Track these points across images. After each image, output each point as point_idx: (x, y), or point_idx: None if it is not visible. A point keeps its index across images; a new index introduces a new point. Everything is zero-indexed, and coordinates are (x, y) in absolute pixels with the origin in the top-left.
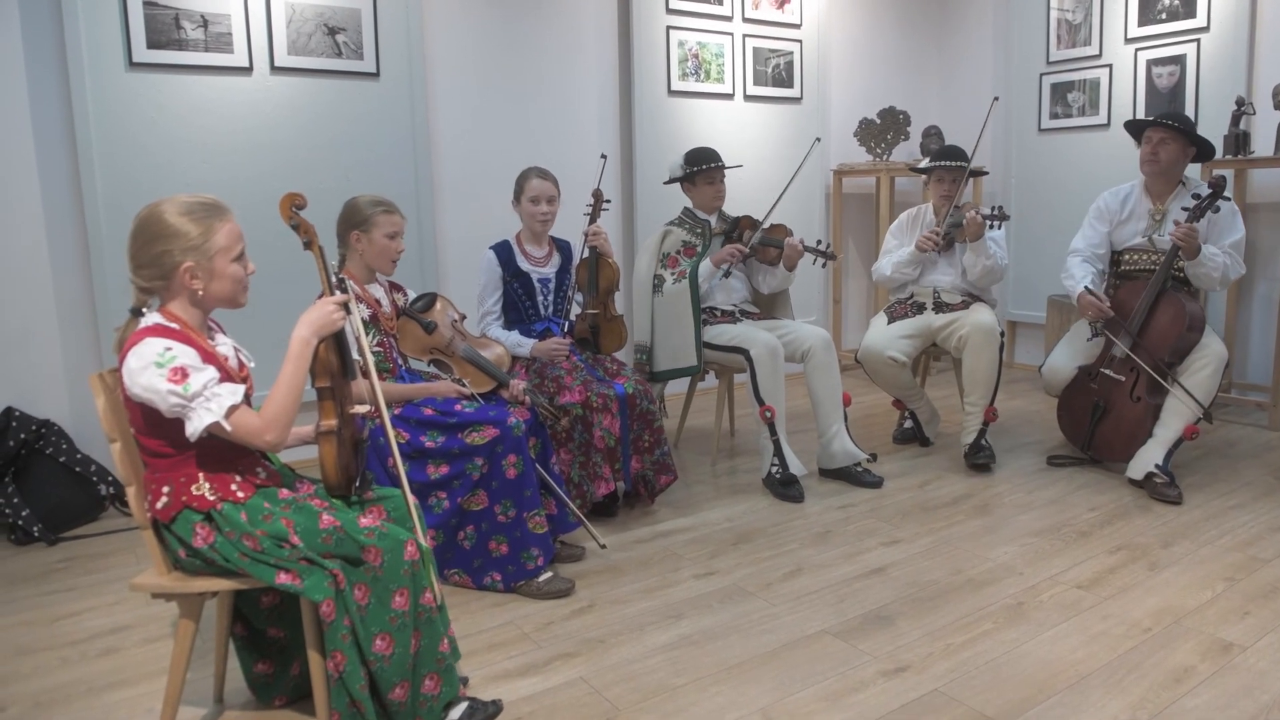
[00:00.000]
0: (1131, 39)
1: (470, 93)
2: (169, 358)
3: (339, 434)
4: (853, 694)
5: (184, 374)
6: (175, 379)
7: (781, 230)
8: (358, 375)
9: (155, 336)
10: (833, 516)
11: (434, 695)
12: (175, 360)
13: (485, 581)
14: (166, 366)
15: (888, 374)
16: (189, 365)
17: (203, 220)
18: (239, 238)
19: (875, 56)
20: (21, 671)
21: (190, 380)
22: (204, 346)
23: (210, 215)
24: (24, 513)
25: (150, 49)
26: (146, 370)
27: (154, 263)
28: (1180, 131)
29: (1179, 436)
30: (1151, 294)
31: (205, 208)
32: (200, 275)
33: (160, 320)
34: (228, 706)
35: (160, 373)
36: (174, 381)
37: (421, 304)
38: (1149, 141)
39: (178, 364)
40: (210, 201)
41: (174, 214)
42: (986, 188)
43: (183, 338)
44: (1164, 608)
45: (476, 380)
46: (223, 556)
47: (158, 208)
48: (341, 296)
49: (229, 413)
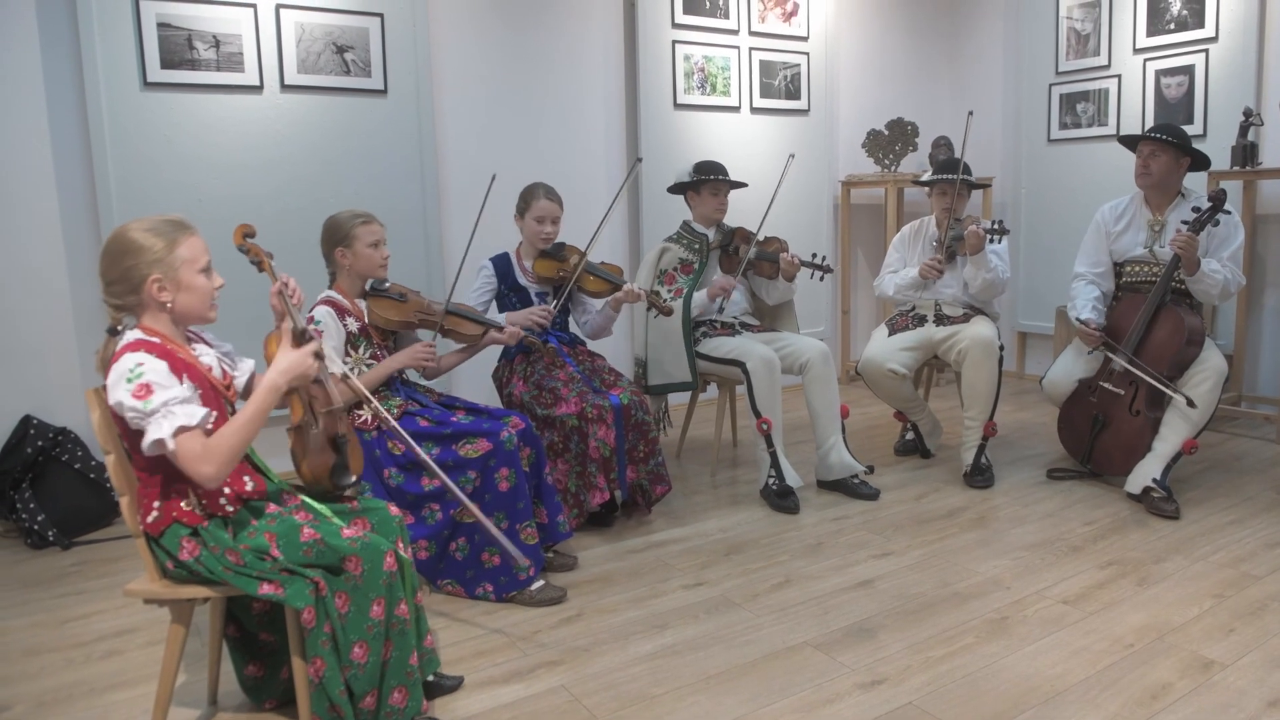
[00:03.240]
0: (1140, 49)
1: (477, 108)
2: (138, 373)
3: (302, 430)
4: (826, 705)
5: (148, 390)
6: (139, 394)
7: (776, 243)
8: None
9: (133, 351)
10: (826, 528)
11: (400, 709)
12: (143, 376)
13: (478, 592)
14: (134, 382)
15: (888, 386)
16: (155, 382)
17: (166, 235)
18: (203, 251)
19: (884, 68)
20: (28, 672)
21: (153, 397)
22: (183, 358)
23: (174, 231)
24: (40, 517)
25: (164, 69)
26: (119, 385)
27: (122, 278)
28: (1170, 144)
29: (1178, 451)
30: (1151, 307)
31: (169, 224)
32: (168, 287)
33: (140, 334)
34: (221, 708)
35: (128, 388)
36: (137, 397)
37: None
38: (1140, 155)
39: (144, 380)
40: (174, 219)
41: (139, 231)
42: (996, 198)
43: (160, 350)
44: (1148, 624)
45: (465, 331)
46: (207, 569)
47: (124, 227)
48: (313, 345)
49: (177, 432)
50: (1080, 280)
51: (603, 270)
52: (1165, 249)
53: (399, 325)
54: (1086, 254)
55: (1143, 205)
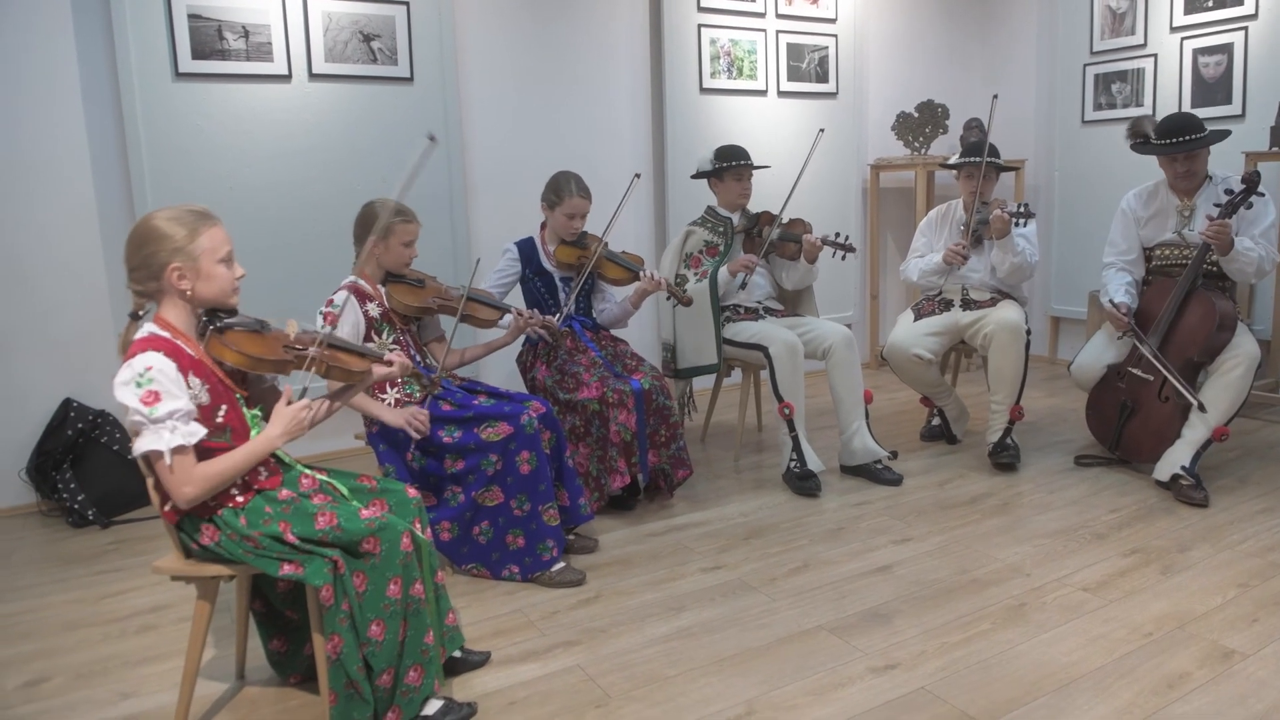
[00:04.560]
0: (1177, 27)
1: (502, 95)
2: (148, 378)
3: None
4: (838, 689)
5: (156, 397)
6: (147, 400)
7: (800, 225)
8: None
9: (145, 351)
10: (847, 514)
11: (415, 687)
12: (152, 383)
13: (503, 574)
14: (144, 387)
15: (913, 371)
16: (164, 391)
17: (188, 225)
18: (225, 241)
19: (914, 49)
20: (66, 645)
21: (159, 405)
22: (191, 354)
23: (196, 221)
24: (80, 497)
25: (195, 59)
26: (127, 386)
27: (144, 264)
28: (1203, 142)
29: (1208, 438)
30: (1181, 292)
31: (192, 214)
32: (188, 275)
33: (154, 330)
34: (249, 682)
35: (137, 392)
36: (145, 403)
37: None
38: (1174, 161)
39: (154, 387)
40: (198, 209)
41: (162, 220)
42: (1028, 180)
43: (171, 347)
44: (1169, 613)
45: (483, 316)
46: (228, 552)
47: (148, 216)
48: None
49: (176, 450)
50: (1111, 268)
51: (623, 258)
52: (1195, 233)
53: (418, 311)
54: (1115, 244)
55: (1170, 191)
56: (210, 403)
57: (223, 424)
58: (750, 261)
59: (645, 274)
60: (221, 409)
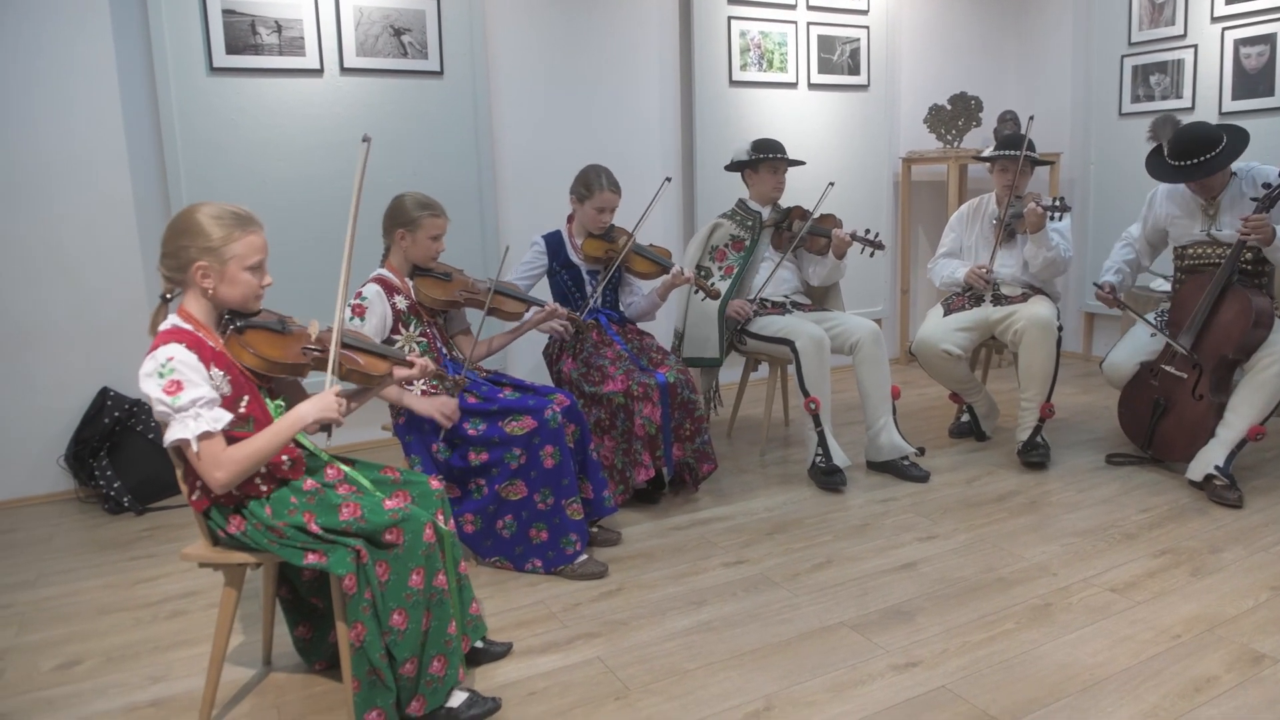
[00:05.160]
0: (1219, 18)
1: (532, 88)
2: (169, 369)
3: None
4: (858, 686)
5: (179, 387)
6: (170, 390)
7: (831, 220)
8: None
9: (167, 343)
10: (873, 510)
11: (439, 677)
12: (174, 373)
13: (527, 567)
14: (166, 378)
15: (941, 367)
16: (185, 380)
17: (227, 226)
18: (259, 250)
19: (948, 41)
20: (99, 629)
21: (182, 394)
22: (213, 346)
23: (236, 224)
24: (115, 484)
25: (229, 54)
26: (151, 377)
27: (174, 254)
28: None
29: (1243, 437)
30: (1216, 289)
31: (235, 216)
32: (211, 275)
33: (177, 322)
34: (275, 668)
35: (160, 382)
36: (168, 392)
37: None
38: (1194, 182)
39: (175, 376)
40: (243, 213)
41: (205, 215)
42: (1064, 174)
43: (192, 339)
44: (1198, 615)
45: (509, 309)
46: (254, 541)
47: (195, 207)
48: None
49: (202, 436)
50: (1118, 244)
51: (651, 252)
52: (1224, 231)
53: (444, 304)
54: (1133, 228)
55: (1195, 191)
56: (232, 393)
57: (245, 414)
58: (745, 309)
59: (674, 268)
60: (244, 399)
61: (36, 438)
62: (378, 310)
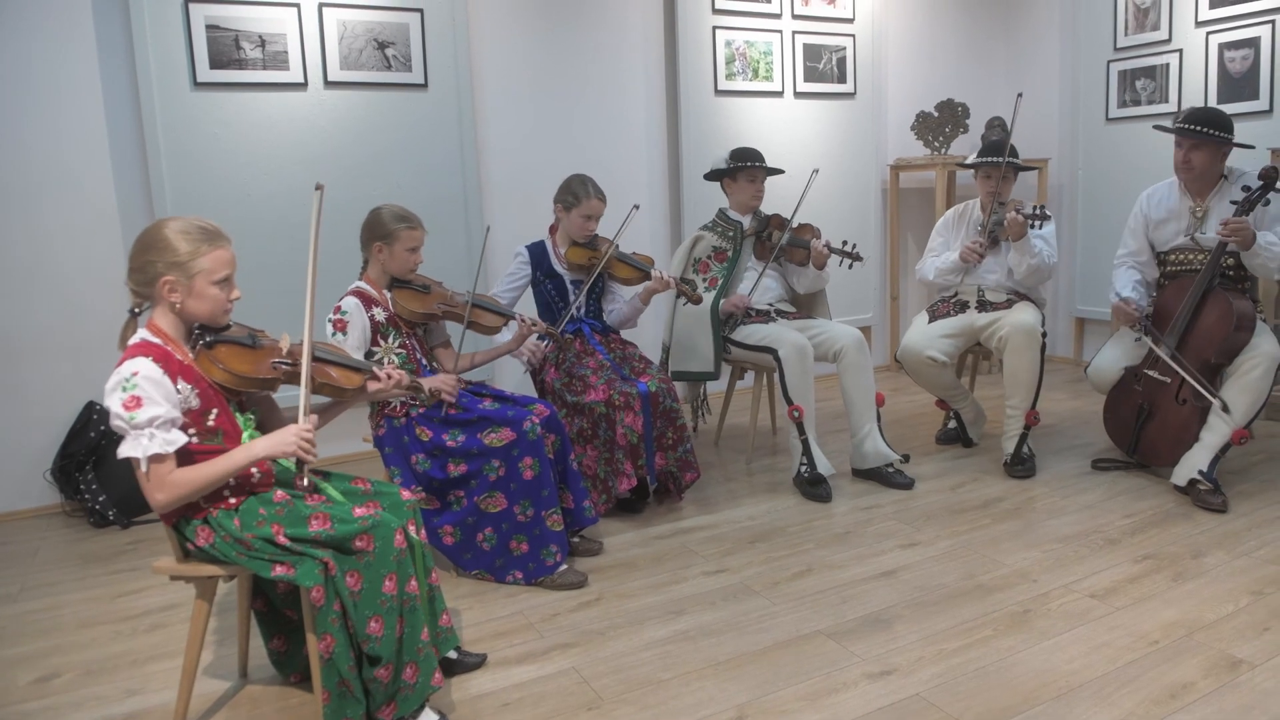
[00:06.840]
0: (1203, 22)
1: (517, 99)
2: (132, 384)
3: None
4: (831, 695)
5: (138, 403)
6: (129, 405)
7: (808, 230)
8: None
9: (134, 357)
10: (856, 517)
11: (411, 684)
12: (136, 389)
13: (509, 580)
14: (128, 392)
15: (927, 374)
16: (146, 397)
17: (194, 241)
18: (226, 264)
19: (934, 48)
20: (79, 642)
21: (140, 411)
22: (180, 360)
23: (203, 239)
24: (101, 498)
25: (213, 69)
26: (114, 391)
27: (141, 269)
28: (1212, 136)
29: (1226, 441)
30: (1197, 293)
31: (203, 231)
32: (179, 290)
33: (146, 335)
34: (251, 680)
35: (121, 396)
36: (126, 408)
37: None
38: (1180, 148)
39: (136, 392)
40: (210, 227)
41: (172, 230)
42: (1051, 179)
43: (160, 352)
44: (1177, 620)
45: (486, 323)
46: (222, 554)
47: (162, 222)
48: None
49: (153, 458)
50: (1121, 266)
51: (633, 259)
52: (1208, 235)
53: (422, 317)
54: (1125, 243)
55: (1184, 192)
56: (201, 406)
57: (214, 427)
58: (741, 303)
59: (656, 273)
60: (213, 413)
61: (24, 451)
62: (357, 323)
